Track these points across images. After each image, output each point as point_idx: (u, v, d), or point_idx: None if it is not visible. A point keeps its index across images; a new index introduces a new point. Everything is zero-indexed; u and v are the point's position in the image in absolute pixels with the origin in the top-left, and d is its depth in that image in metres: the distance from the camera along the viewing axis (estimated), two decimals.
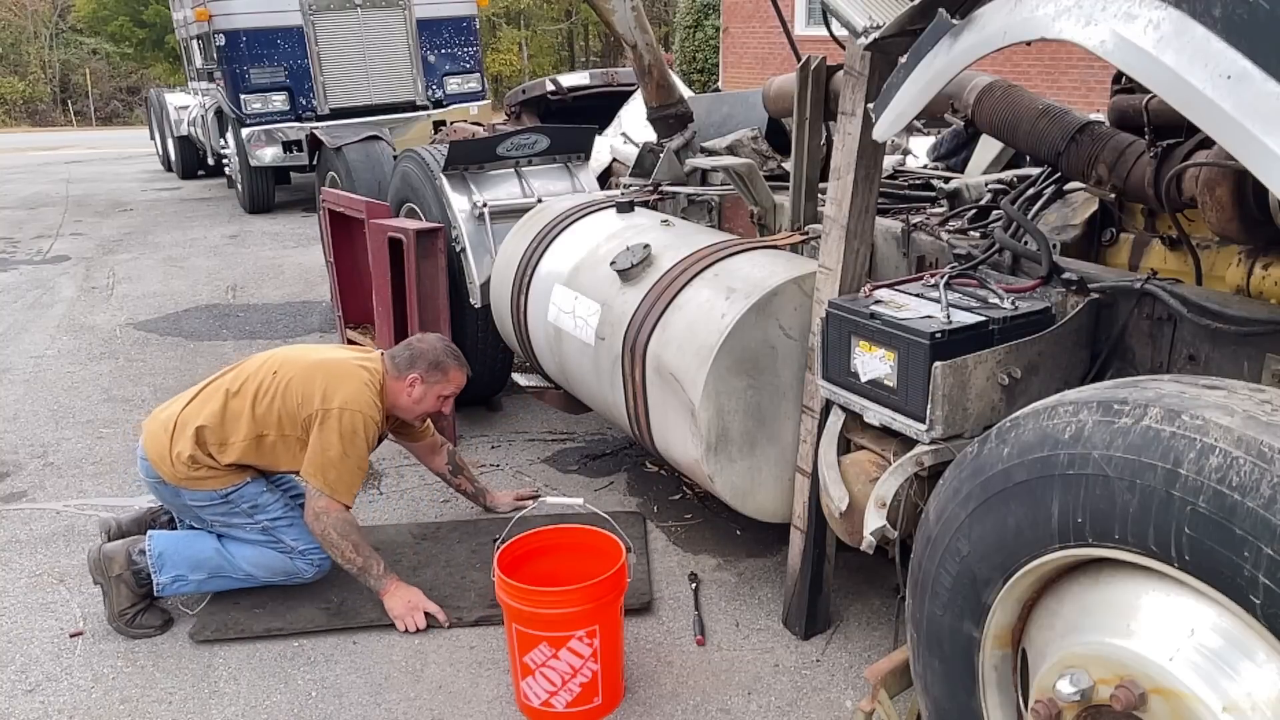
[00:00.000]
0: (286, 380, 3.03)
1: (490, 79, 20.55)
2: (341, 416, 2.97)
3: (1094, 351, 2.32)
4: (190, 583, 3.10)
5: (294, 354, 3.18)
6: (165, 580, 3.06)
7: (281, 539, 3.10)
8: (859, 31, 2.35)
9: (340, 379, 3.03)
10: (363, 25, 10.53)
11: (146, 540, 3.09)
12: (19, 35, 34.84)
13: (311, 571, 3.13)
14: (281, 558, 3.11)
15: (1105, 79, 2.73)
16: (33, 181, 14.92)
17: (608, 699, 2.66)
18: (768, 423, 2.90)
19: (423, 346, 3.19)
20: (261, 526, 3.09)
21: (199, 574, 3.09)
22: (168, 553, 3.07)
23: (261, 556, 3.10)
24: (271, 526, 3.10)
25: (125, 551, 3.06)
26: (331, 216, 5.03)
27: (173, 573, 3.06)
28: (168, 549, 3.08)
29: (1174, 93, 1.51)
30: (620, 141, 5.45)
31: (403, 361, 3.15)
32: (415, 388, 3.14)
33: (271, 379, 3.05)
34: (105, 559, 3.06)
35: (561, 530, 2.90)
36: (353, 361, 3.12)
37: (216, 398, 3.07)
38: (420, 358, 3.15)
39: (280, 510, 3.12)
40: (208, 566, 3.09)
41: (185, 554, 3.09)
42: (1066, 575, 1.72)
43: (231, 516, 3.08)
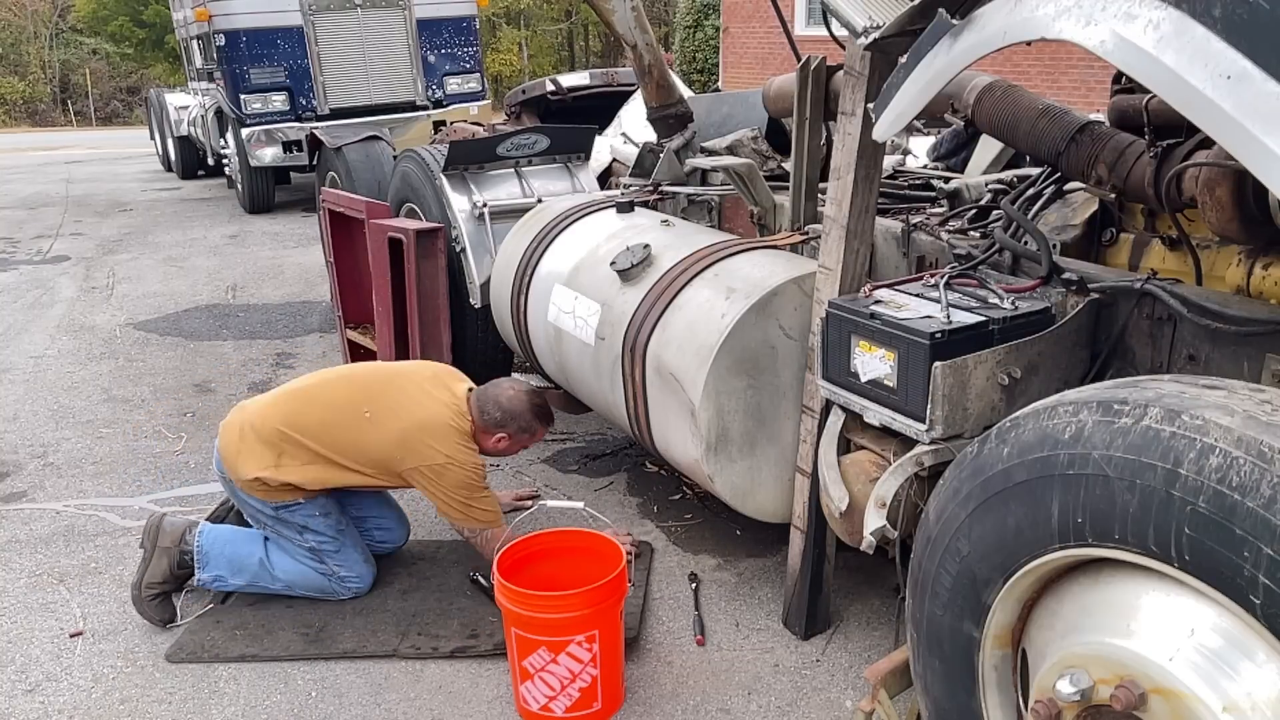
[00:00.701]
0: (384, 428, 3.01)
1: (490, 79, 20.55)
2: (450, 470, 3.00)
3: (1094, 351, 2.32)
4: (229, 584, 3.16)
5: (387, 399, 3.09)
6: (207, 577, 3.14)
7: (326, 562, 3.12)
8: (859, 31, 2.35)
9: (438, 438, 3.01)
10: (363, 25, 10.53)
11: (197, 531, 3.14)
12: (19, 35, 34.83)
13: (348, 595, 3.16)
14: (320, 579, 3.13)
15: (1105, 79, 2.73)
16: (33, 181, 14.92)
17: (607, 704, 2.65)
18: (768, 423, 2.90)
19: (515, 408, 3.12)
20: (310, 547, 3.11)
21: (239, 578, 3.15)
22: (213, 551, 3.13)
23: (301, 575, 3.13)
24: (319, 549, 3.11)
25: (183, 530, 3.14)
26: (331, 216, 5.03)
27: (215, 571, 3.13)
28: (213, 547, 3.14)
29: (1174, 93, 1.51)
30: (620, 141, 5.45)
31: (492, 421, 3.10)
32: (502, 443, 3.15)
33: (366, 421, 3.03)
34: (161, 529, 3.13)
35: (562, 534, 2.90)
36: (448, 421, 3.04)
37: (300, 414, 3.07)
38: (512, 419, 3.11)
39: (330, 534, 3.13)
40: (248, 572, 3.14)
41: (228, 555, 3.14)
42: (1066, 575, 1.72)
43: (281, 529, 3.11)
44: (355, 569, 3.17)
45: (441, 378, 3.21)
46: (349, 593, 3.16)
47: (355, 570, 3.17)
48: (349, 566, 3.15)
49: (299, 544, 3.11)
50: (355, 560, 3.18)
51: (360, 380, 3.21)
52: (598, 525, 2.93)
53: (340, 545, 3.15)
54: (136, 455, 4.47)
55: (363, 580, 3.19)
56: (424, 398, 3.09)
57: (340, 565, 3.14)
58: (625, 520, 3.74)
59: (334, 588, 3.15)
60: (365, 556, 3.23)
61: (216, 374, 5.59)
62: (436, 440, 3.01)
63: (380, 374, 3.29)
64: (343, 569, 3.14)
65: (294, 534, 3.11)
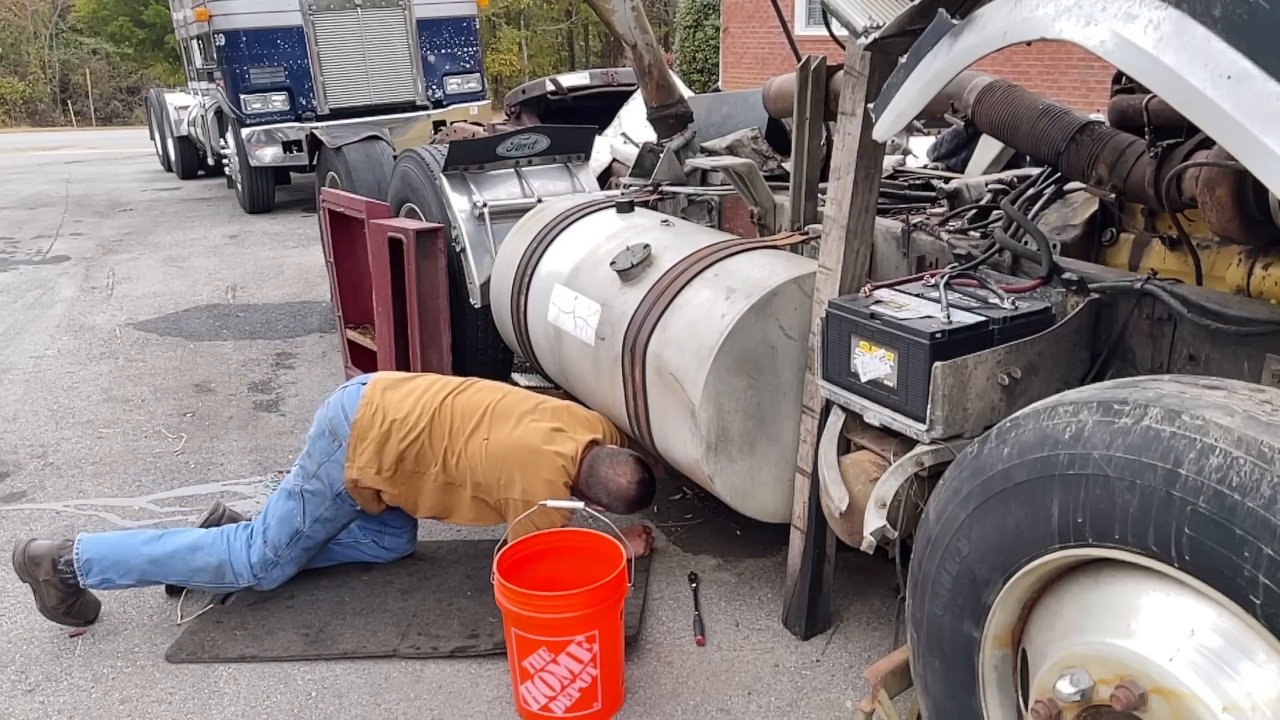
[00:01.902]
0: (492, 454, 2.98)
1: (490, 79, 20.55)
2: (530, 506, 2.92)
3: (1094, 351, 2.32)
4: (118, 584, 3.07)
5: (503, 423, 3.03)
6: (93, 581, 3.04)
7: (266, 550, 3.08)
8: (859, 31, 2.35)
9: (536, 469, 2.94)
10: (363, 25, 10.53)
11: (75, 546, 3.04)
12: (19, 35, 34.84)
13: (243, 584, 3.13)
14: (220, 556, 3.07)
15: (1105, 79, 2.73)
16: (33, 181, 14.92)
17: (607, 704, 2.65)
18: (768, 423, 2.90)
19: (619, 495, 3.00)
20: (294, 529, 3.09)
21: (128, 578, 3.07)
22: (95, 559, 3.03)
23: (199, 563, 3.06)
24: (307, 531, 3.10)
25: (53, 556, 3.02)
26: (331, 216, 5.03)
27: (100, 576, 3.04)
28: (94, 555, 3.03)
29: (1174, 93, 1.51)
30: (620, 141, 5.45)
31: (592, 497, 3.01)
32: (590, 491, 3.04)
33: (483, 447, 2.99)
34: (29, 561, 3.03)
35: (562, 534, 2.90)
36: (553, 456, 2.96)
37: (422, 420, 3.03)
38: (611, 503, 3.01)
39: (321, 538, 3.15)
40: (136, 572, 3.06)
41: (112, 558, 3.04)
42: (1066, 575, 1.72)
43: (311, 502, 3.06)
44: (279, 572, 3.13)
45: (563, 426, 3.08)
46: (248, 583, 3.11)
47: (277, 574, 3.13)
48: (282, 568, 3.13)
49: (295, 521, 3.08)
50: (289, 572, 3.17)
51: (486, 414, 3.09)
52: (598, 525, 2.93)
53: (293, 562, 3.15)
54: (136, 455, 4.47)
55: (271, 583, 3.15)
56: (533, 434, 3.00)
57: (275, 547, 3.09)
58: (625, 521, 3.74)
59: (238, 576, 3.09)
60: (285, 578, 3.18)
61: (216, 374, 5.59)
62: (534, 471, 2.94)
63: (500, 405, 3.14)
64: (271, 550, 3.09)
65: (308, 515, 3.08)
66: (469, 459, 3.01)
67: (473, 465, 3.00)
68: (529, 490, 2.93)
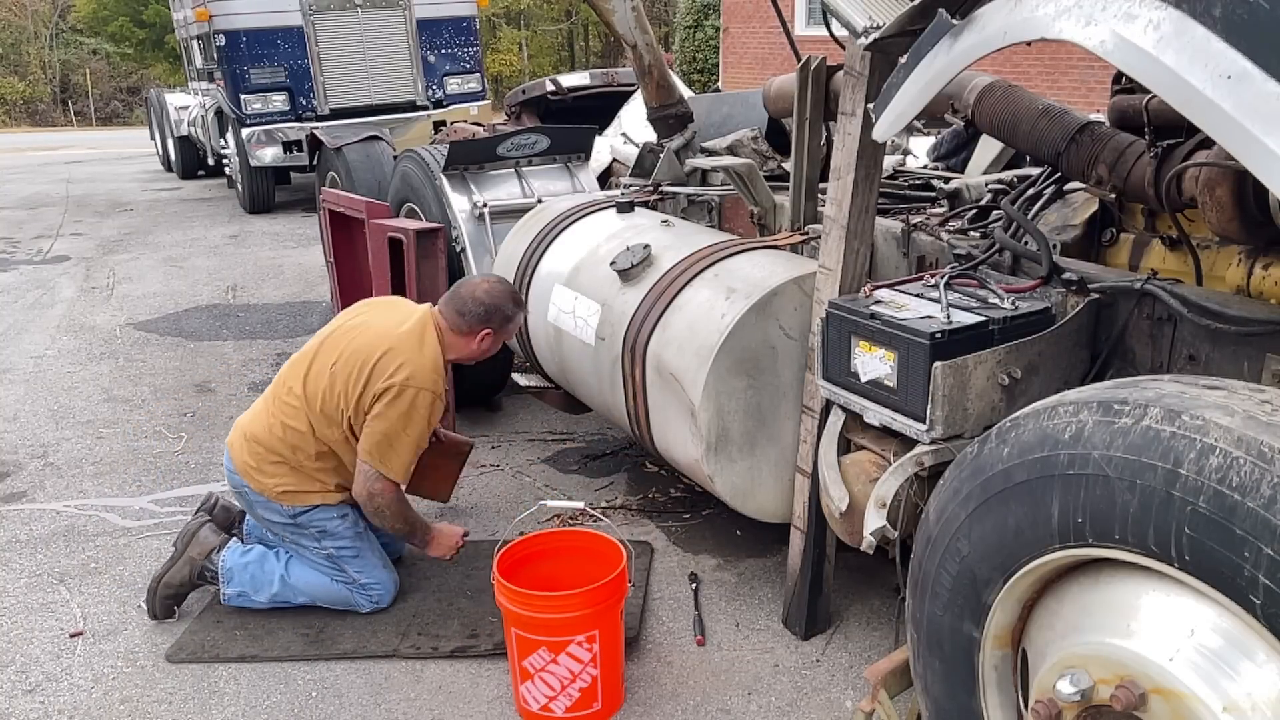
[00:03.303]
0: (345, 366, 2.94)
1: (490, 79, 20.55)
2: (405, 393, 2.88)
3: (1094, 351, 2.32)
4: (254, 601, 3.12)
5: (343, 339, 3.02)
6: (231, 592, 3.11)
7: (345, 569, 3.06)
8: (859, 31, 2.35)
9: (408, 353, 2.91)
10: (363, 25, 10.53)
11: (225, 551, 3.14)
12: (19, 35, 34.83)
13: (368, 606, 3.08)
14: (342, 589, 3.08)
15: (1105, 79, 2.73)
16: (33, 181, 14.92)
17: (607, 704, 2.65)
18: (768, 423, 2.90)
19: (493, 301, 3.04)
20: (327, 553, 3.06)
21: (261, 595, 3.11)
22: (236, 569, 3.11)
23: (323, 587, 3.09)
24: (337, 555, 3.06)
25: (213, 547, 3.15)
26: (331, 216, 5.03)
27: (238, 587, 3.10)
28: (237, 567, 3.11)
29: (1174, 93, 1.51)
30: (620, 141, 5.45)
31: (474, 318, 3.02)
32: (487, 341, 3.08)
33: (329, 374, 2.96)
34: (196, 538, 3.15)
35: (562, 534, 2.90)
36: (410, 330, 2.97)
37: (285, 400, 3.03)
38: (495, 313, 3.04)
39: (349, 539, 3.07)
40: (268, 592, 3.10)
41: (251, 573, 3.11)
42: (1066, 575, 1.72)
43: (299, 537, 3.07)
44: (375, 575, 3.10)
45: (393, 302, 3.18)
46: (370, 603, 3.08)
47: (376, 576, 3.09)
48: (369, 573, 3.08)
49: (317, 551, 3.07)
50: (375, 566, 3.11)
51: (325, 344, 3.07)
52: (599, 526, 2.93)
53: (359, 550, 3.09)
54: (137, 455, 4.47)
55: (384, 588, 3.11)
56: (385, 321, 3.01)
57: (360, 572, 3.07)
58: (625, 520, 3.74)
59: (355, 598, 3.08)
60: (385, 563, 3.17)
61: (216, 374, 5.59)
62: (397, 364, 2.89)
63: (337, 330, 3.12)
64: (363, 575, 3.07)
65: (312, 541, 3.07)
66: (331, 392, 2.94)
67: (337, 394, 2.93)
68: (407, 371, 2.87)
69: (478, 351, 3.11)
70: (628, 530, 3.63)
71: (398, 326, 3.00)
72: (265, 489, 3.02)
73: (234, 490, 3.14)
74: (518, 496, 3.97)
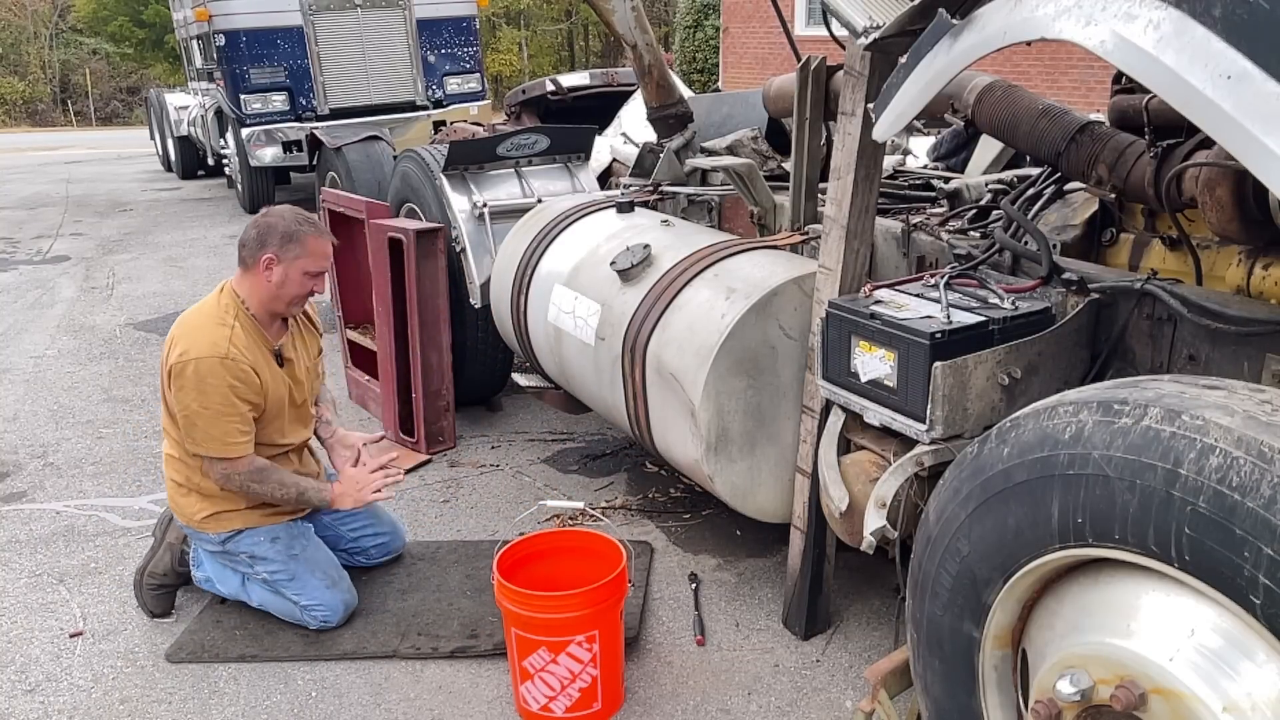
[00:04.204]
0: None
1: (490, 79, 20.55)
2: (185, 369, 2.76)
3: (1094, 351, 2.32)
4: (218, 589, 3.15)
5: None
6: (200, 576, 3.15)
7: (283, 593, 3.00)
8: (859, 31, 2.35)
9: (185, 328, 2.83)
10: (363, 25, 10.52)
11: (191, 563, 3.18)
12: (19, 35, 34.82)
13: (315, 625, 2.99)
14: (290, 605, 3.02)
15: (1105, 79, 2.73)
16: (33, 181, 14.92)
17: (607, 704, 2.65)
18: (768, 423, 2.90)
19: (269, 220, 2.85)
20: (262, 579, 3.03)
21: (225, 588, 3.14)
22: (205, 557, 3.14)
23: (273, 603, 3.06)
24: (272, 580, 3.01)
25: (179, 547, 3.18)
26: (331, 216, 5.03)
27: (207, 574, 3.14)
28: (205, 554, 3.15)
29: (1174, 93, 1.51)
30: (620, 141, 5.45)
31: (251, 246, 2.83)
32: (272, 269, 2.83)
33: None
34: (172, 524, 3.18)
35: (562, 534, 2.90)
36: (194, 308, 2.90)
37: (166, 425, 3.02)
38: (269, 233, 2.82)
39: (280, 563, 2.98)
40: (230, 586, 3.12)
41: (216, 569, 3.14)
42: (1066, 575, 1.72)
43: (236, 565, 3.07)
44: (316, 596, 2.96)
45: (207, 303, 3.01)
46: (316, 623, 2.97)
47: (317, 598, 2.96)
48: (308, 594, 2.97)
49: (253, 577, 3.04)
50: (315, 588, 2.97)
51: None
52: (599, 525, 2.93)
53: (294, 573, 2.96)
54: (136, 455, 4.47)
55: (328, 608, 2.97)
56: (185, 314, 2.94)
57: (299, 594, 2.97)
58: (625, 520, 3.74)
59: (302, 617, 3.00)
60: (330, 582, 3.01)
61: None
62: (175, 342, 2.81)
63: None
64: (302, 597, 2.97)
65: (244, 566, 3.03)
66: None
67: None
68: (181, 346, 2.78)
69: (273, 288, 2.84)
70: (628, 530, 3.63)
71: (189, 313, 2.91)
72: (189, 519, 3.01)
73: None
74: (518, 496, 3.97)
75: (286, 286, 2.88)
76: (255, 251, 2.84)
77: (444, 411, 4.40)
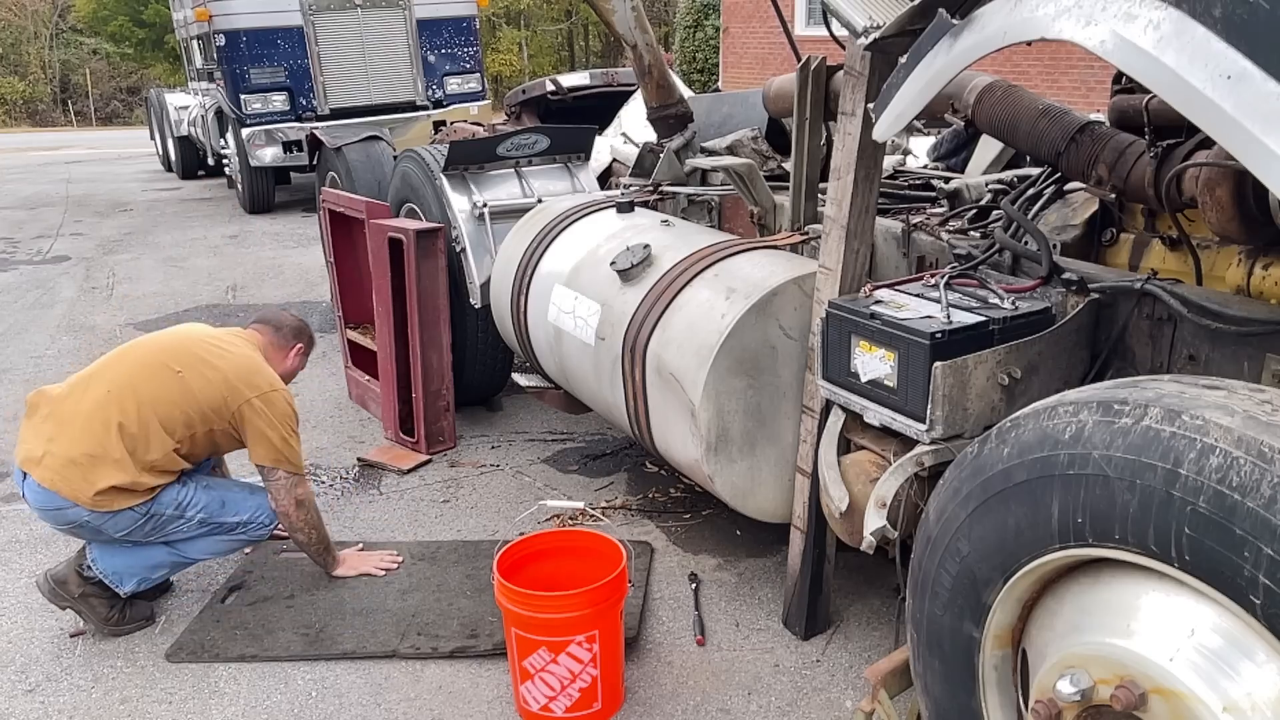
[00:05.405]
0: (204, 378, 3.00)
1: (490, 79, 20.55)
2: (276, 398, 3.07)
3: (1094, 351, 2.32)
4: (153, 580, 3.11)
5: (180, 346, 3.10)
6: (130, 588, 3.05)
7: (222, 522, 3.09)
8: (859, 31, 2.35)
9: (252, 363, 3.12)
10: (363, 25, 10.53)
11: (90, 560, 3.02)
12: (19, 35, 34.83)
13: (265, 531, 3.19)
14: (230, 539, 3.14)
15: (1105, 79, 2.73)
16: (33, 181, 14.92)
17: (607, 704, 2.65)
18: (768, 423, 2.90)
19: (296, 323, 3.43)
20: (198, 520, 3.05)
21: (159, 572, 3.10)
22: (121, 569, 3.02)
23: (213, 545, 3.14)
24: (207, 516, 3.06)
25: (72, 571, 3.03)
26: (331, 216, 5.03)
27: (135, 579, 3.04)
28: (120, 566, 3.02)
29: (1174, 93, 1.51)
30: (620, 141, 5.45)
31: (288, 333, 3.36)
32: (298, 357, 3.39)
33: (178, 377, 2.98)
34: (60, 586, 3.03)
35: (562, 534, 2.90)
36: (246, 348, 3.18)
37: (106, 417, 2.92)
38: (301, 332, 3.41)
39: (205, 497, 3.06)
40: (166, 565, 3.10)
41: (140, 563, 3.04)
42: (1066, 575, 1.72)
43: (164, 526, 3.01)
44: (249, 504, 3.14)
45: (214, 331, 3.25)
46: (261, 530, 3.17)
47: (250, 505, 3.14)
48: (243, 508, 3.12)
49: (187, 526, 3.03)
50: (242, 498, 3.15)
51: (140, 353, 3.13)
52: (599, 525, 2.93)
53: (221, 498, 3.11)
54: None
55: (265, 510, 3.14)
56: (223, 345, 3.14)
57: (235, 514, 3.11)
58: (625, 520, 3.74)
59: (248, 537, 3.18)
60: (250, 490, 3.19)
61: None
62: (258, 374, 3.09)
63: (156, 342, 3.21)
64: (239, 514, 3.12)
65: (177, 522, 3.01)
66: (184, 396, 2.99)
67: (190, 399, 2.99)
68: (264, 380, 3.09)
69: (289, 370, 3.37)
70: (628, 530, 3.63)
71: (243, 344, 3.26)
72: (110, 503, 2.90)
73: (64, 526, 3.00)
74: (518, 496, 3.97)
75: (294, 372, 3.43)
76: (290, 340, 3.38)
77: (444, 411, 4.40)
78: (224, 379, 3.02)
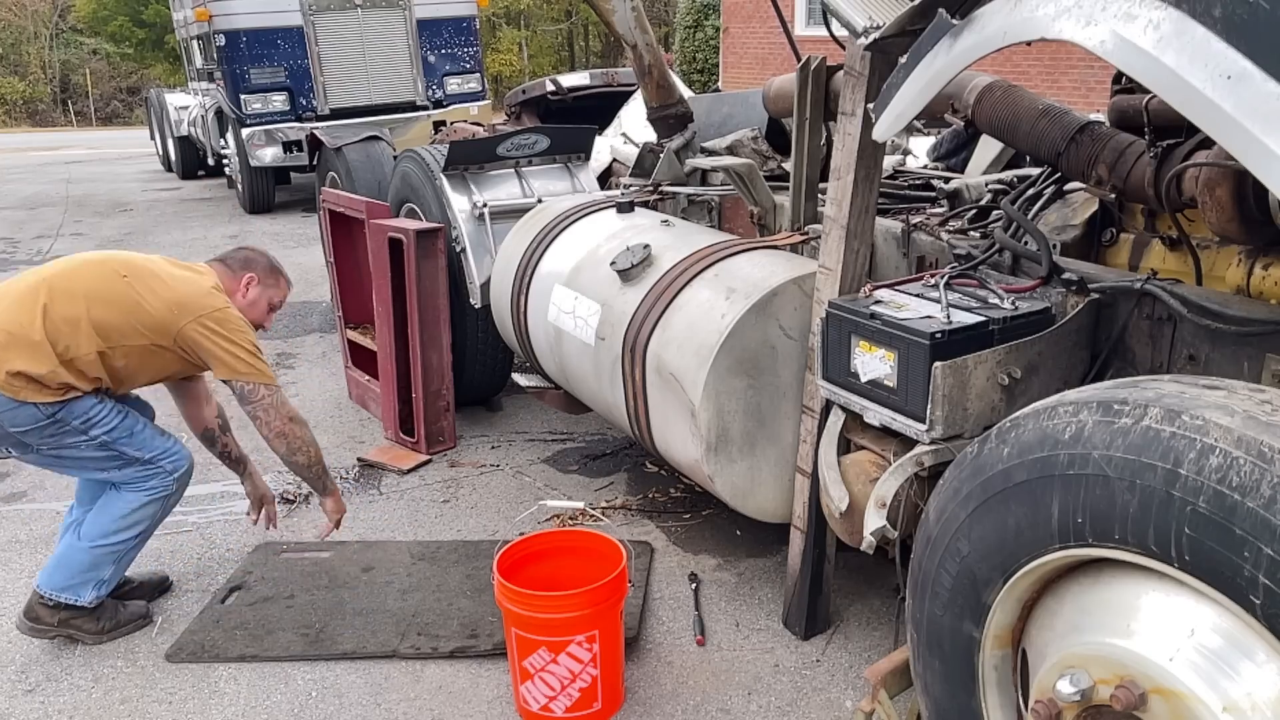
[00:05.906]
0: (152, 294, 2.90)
1: (490, 79, 20.55)
2: (226, 315, 2.95)
3: (1094, 351, 2.32)
4: (108, 581, 3.00)
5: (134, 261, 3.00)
6: (90, 595, 2.98)
7: (124, 451, 2.91)
8: (859, 31, 2.35)
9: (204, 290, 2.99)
10: (363, 25, 10.54)
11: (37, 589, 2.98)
12: (19, 35, 34.83)
13: (170, 484, 2.98)
14: (144, 494, 2.94)
15: (1105, 79, 2.73)
16: (33, 181, 14.92)
17: (607, 704, 2.65)
18: (768, 423, 2.90)
19: (253, 254, 3.27)
20: (99, 442, 2.87)
21: (106, 570, 2.98)
22: (63, 583, 2.96)
23: (122, 509, 2.94)
24: (110, 440, 2.88)
25: (38, 603, 2.99)
26: (331, 216, 5.03)
27: (88, 586, 2.97)
28: (61, 581, 2.96)
29: (1174, 93, 1.51)
30: (620, 141, 5.45)
31: (236, 263, 3.19)
32: (251, 288, 3.17)
33: (126, 283, 2.88)
34: (35, 620, 3.00)
35: (562, 534, 2.90)
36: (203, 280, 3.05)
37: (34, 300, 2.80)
38: (255, 262, 3.23)
39: (115, 420, 2.89)
40: (103, 564, 2.96)
41: (75, 569, 2.96)
42: (1066, 575, 1.72)
43: (63, 437, 2.83)
44: (158, 445, 2.99)
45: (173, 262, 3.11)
46: (171, 479, 2.98)
47: (159, 446, 2.98)
48: (149, 446, 2.96)
49: (87, 445, 2.86)
50: (152, 436, 2.99)
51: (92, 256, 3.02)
52: (599, 525, 2.93)
53: (130, 429, 2.93)
54: None
55: (176, 456, 3.01)
56: (180, 271, 3.04)
57: (141, 449, 2.94)
58: (625, 520, 3.74)
59: (161, 484, 2.96)
60: (164, 433, 3.06)
61: None
62: (209, 297, 2.97)
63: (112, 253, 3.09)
64: (145, 450, 2.94)
65: (78, 435, 2.84)
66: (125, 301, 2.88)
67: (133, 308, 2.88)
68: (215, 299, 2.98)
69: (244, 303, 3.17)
70: (628, 530, 3.64)
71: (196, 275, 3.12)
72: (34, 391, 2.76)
73: None
74: (518, 496, 3.97)
75: (254, 307, 3.20)
76: (238, 269, 3.18)
77: (444, 411, 4.40)
78: (173, 297, 2.90)
